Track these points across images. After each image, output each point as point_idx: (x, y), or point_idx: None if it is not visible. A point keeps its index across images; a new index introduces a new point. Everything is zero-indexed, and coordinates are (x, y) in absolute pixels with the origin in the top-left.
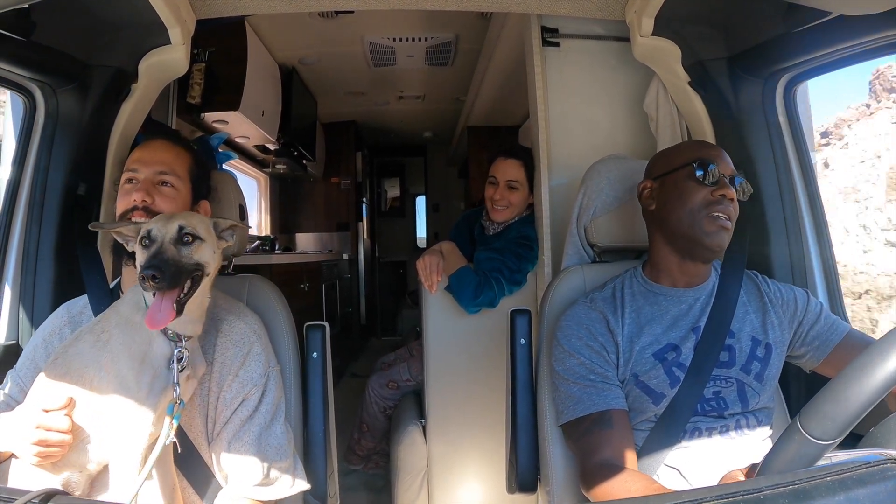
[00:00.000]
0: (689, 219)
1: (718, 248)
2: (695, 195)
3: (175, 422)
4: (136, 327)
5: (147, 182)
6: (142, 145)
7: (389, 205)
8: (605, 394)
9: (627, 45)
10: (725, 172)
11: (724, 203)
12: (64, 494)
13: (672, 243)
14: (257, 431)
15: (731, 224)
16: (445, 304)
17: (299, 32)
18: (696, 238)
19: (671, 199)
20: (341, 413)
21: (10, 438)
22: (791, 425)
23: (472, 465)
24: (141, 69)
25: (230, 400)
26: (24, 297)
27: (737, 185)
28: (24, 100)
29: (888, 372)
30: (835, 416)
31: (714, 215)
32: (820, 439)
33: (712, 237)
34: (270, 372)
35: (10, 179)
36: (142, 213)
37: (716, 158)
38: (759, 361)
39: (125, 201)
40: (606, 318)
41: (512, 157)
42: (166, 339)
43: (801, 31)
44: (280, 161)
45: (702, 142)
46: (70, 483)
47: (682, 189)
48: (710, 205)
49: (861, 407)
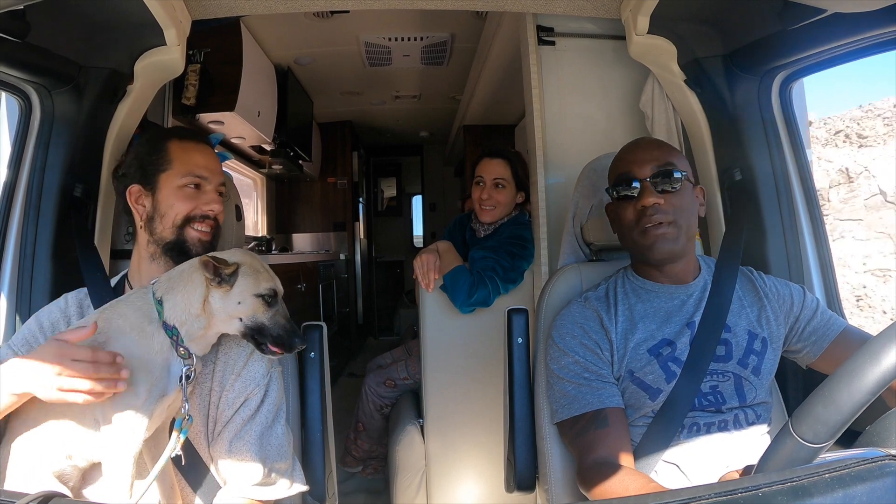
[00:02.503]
0: (629, 238)
1: (664, 255)
2: (624, 216)
3: (182, 436)
4: (143, 335)
5: (215, 191)
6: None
7: (386, 204)
8: (601, 392)
9: (623, 43)
10: (643, 176)
11: (650, 212)
12: (62, 496)
13: (633, 257)
14: (259, 431)
15: (671, 224)
16: (442, 303)
17: (295, 32)
18: (642, 252)
19: (614, 223)
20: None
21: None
22: (783, 428)
23: (470, 464)
24: (137, 70)
25: (232, 400)
26: (21, 298)
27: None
28: (19, 101)
29: (878, 373)
30: (826, 419)
31: (644, 229)
32: (812, 442)
33: (652, 250)
34: (273, 372)
35: (6, 181)
36: (211, 223)
37: (630, 165)
38: (756, 355)
39: (189, 205)
40: (600, 316)
41: (497, 157)
42: (171, 349)
43: (797, 29)
44: (276, 161)
45: (624, 149)
46: (63, 475)
47: (616, 213)
48: (639, 220)
49: (852, 409)
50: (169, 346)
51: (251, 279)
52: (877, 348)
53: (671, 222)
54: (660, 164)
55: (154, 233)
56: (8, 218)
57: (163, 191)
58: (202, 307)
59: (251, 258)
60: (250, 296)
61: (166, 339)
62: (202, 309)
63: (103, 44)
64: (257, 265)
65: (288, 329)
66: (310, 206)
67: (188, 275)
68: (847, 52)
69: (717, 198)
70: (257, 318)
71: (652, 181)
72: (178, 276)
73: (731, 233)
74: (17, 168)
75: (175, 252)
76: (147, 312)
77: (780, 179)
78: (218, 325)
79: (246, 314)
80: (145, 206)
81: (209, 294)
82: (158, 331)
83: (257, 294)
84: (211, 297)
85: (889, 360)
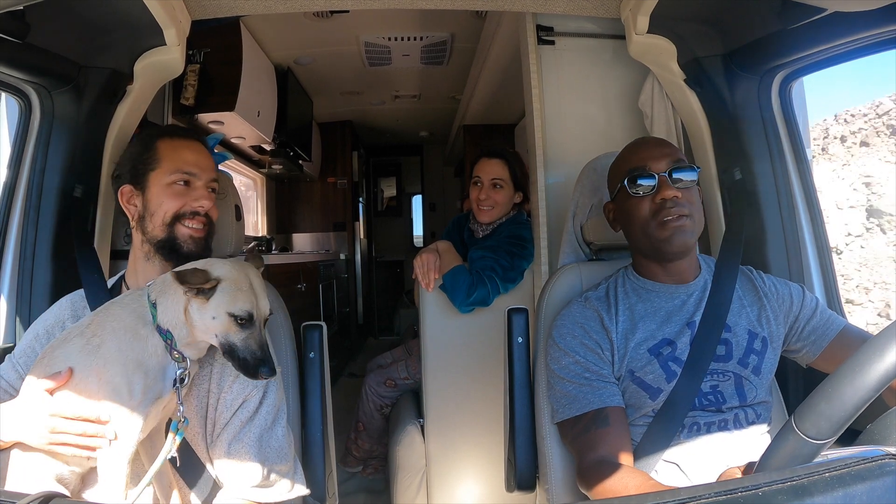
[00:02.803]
0: (643, 233)
1: (681, 248)
2: (639, 210)
3: (178, 438)
4: (137, 337)
5: (205, 188)
6: (186, 146)
7: (386, 204)
8: (601, 392)
9: (622, 42)
10: (660, 170)
11: (669, 205)
12: (63, 497)
13: (643, 254)
14: (257, 433)
15: (688, 217)
16: (442, 303)
17: (294, 32)
18: (656, 247)
19: (624, 219)
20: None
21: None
22: (786, 424)
23: (470, 463)
24: (136, 70)
25: (230, 402)
26: (21, 299)
27: (675, 178)
28: (19, 102)
29: (882, 370)
30: (829, 415)
31: (663, 221)
32: (815, 438)
33: (670, 242)
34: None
35: (5, 181)
36: (202, 220)
37: (646, 160)
38: (756, 355)
39: (178, 203)
40: (601, 316)
41: (495, 157)
42: (166, 353)
43: (797, 28)
44: (276, 161)
45: (632, 146)
46: (63, 479)
47: (628, 208)
48: (657, 213)
49: (855, 405)
50: (164, 348)
51: (228, 297)
52: (881, 345)
53: (688, 215)
54: (674, 161)
55: (146, 232)
56: (8, 218)
57: (152, 189)
58: (184, 315)
59: (239, 275)
60: (224, 313)
61: (161, 342)
62: (185, 317)
63: (103, 44)
64: (243, 284)
65: (257, 356)
66: (310, 206)
67: (171, 281)
68: (847, 52)
69: (717, 197)
70: (229, 337)
71: (668, 176)
72: (171, 279)
73: (730, 232)
74: (17, 168)
75: (167, 250)
76: (141, 315)
77: (779, 179)
78: (199, 335)
79: (220, 331)
80: (137, 205)
81: (188, 303)
82: (153, 333)
83: (230, 313)
84: (189, 306)
85: (892, 357)
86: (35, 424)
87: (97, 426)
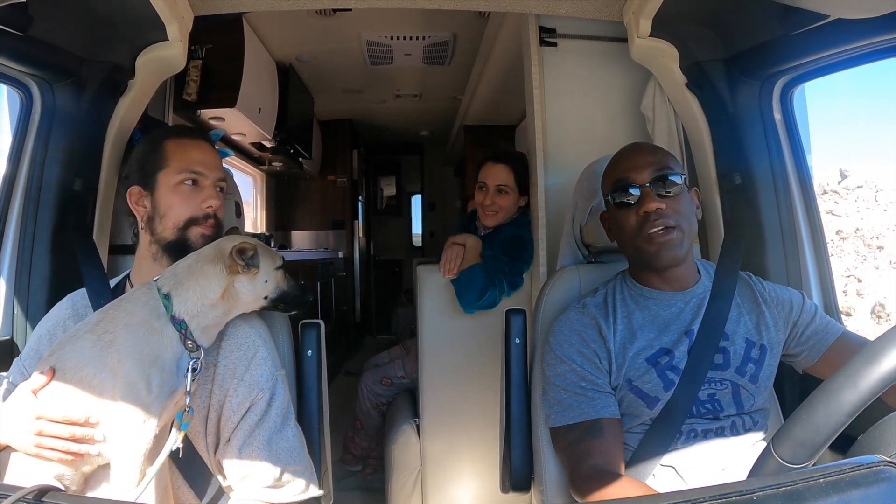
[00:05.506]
0: (631, 245)
1: (670, 261)
2: (626, 223)
3: (183, 429)
4: (152, 330)
5: (213, 187)
6: (194, 146)
7: (385, 203)
8: (596, 402)
9: (625, 45)
10: (643, 180)
11: (653, 217)
12: (58, 490)
13: (636, 264)
14: (267, 436)
15: (675, 229)
16: (440, 302)
17: (297, 30)
18: (645, 259)
19: (614, 231)
20: (336, 411)
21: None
22: (765, 450)
23: (465, 463)
24: (138, 65)
25: (237, 406)
26: (20, 293)
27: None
28: (20, 95)
29: (855, 396)
30: (804, 440)
31: (647, 235)
32: (792, 462)
33: (657, 257)
34: (277, 375)
35: (5, 175)
36: (213, 221)
37: (628, 171)
38: (754, 363)
39: (190, 205)
40: (599, 324)
41: (501, 162)
42: (182, 345)
43: (799, 34)
44: (276, 158)
45: (617, 155)
46: (64, 479)
47: (616, 220)
48: (642, 226)
49: (829, 432)
50: (178, 340)
51: (268, 256)
52: (853, 370)
53: (675, 227)
54: (657, 169)
55: (154, 233)
56: (7, 212)
57: (160, 189)
58: (221, 296)
59: (248, 238)
60: (272, 271)
61: (175, 333)
62: (220, 298)
63: (105, 38)
64: (252, 241)
65: (301, 289)
66: (309, 204)
67: (199, 268)
68: (848, 59)
69: (717, 202)
70: (281, 288)
71: (652, 186)
72: (185, 270)
73: (730, 238)
74: (17, 162)
75: (177, 251)
76: (154, 308)
77: (779, 184)
78: (241, 308)
79: (271, 289)
80: (146, 206)
81: (232, 281)
82: (167, 325)
83: (277, 267)
84: (236, 283)
85: (865, 382)
86: (19, 427)
87: (85, 429)
